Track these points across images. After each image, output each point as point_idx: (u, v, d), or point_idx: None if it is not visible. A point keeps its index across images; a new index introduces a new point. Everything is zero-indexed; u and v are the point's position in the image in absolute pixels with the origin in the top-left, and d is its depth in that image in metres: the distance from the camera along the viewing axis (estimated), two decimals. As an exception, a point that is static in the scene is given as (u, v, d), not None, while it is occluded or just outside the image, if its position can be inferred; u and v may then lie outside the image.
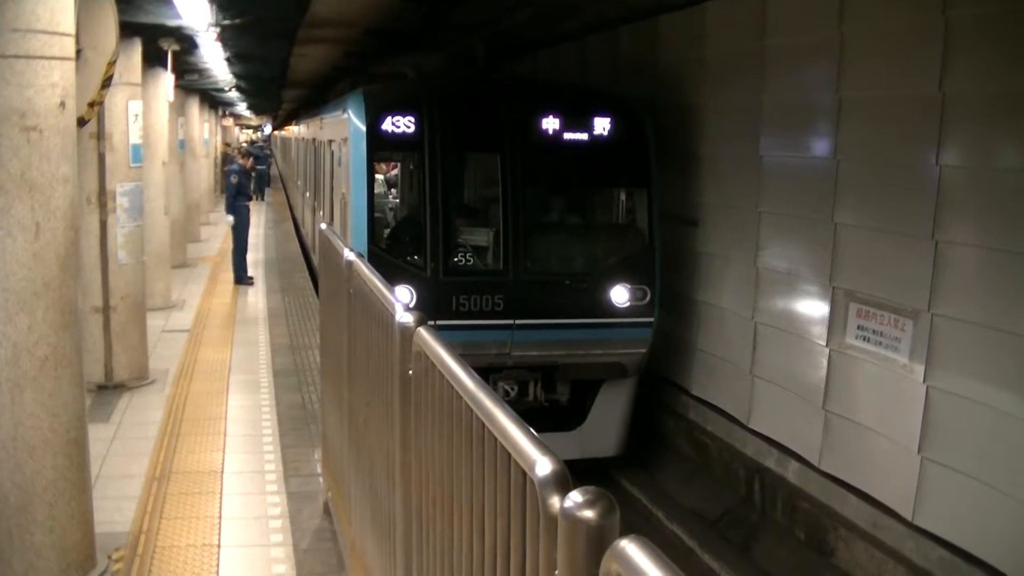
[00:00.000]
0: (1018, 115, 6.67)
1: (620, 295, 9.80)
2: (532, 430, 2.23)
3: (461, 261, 9.67)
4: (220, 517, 6.80)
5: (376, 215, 10.12)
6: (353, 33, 15.27)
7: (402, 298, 4.24)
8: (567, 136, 9.84)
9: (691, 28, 10.89)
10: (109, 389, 10.02)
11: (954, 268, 7.18)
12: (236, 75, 20.05)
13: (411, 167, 10.92)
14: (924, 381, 7.40)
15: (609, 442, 10.44)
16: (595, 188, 10.80)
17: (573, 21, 13.60)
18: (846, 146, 8.34)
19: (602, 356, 9.94)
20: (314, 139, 18.35)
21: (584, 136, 9.88)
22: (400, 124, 9.54)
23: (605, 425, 10.34)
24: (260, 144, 47.44)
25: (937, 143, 7.24)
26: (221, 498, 7.16)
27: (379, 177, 14.12)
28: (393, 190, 14.39)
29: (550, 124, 9.79)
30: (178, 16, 10.46)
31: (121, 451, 8.18)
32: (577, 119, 9.85)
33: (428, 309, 7.78)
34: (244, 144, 36.53)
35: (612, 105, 10.09)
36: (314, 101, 30.37)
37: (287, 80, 25.15)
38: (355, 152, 9.75)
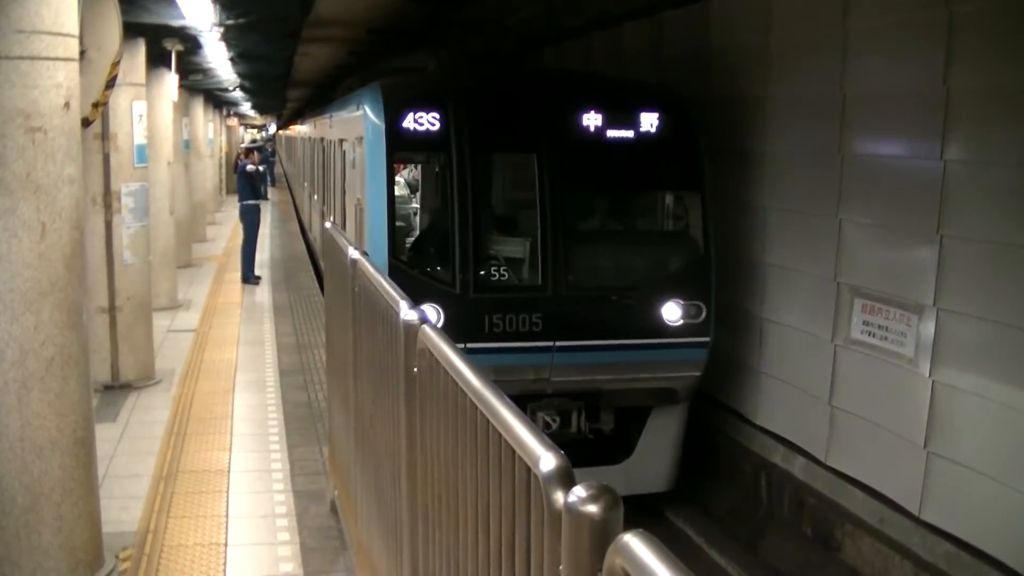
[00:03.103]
0: None
1: (672, 312, 8.79)
2: (552, 441, 2.21)
3: (494, 276, 8.70)
4: (227, 516, 6.82)
5: (397, 223, 9.18)
6: (357, 32, 15.29)
7: (430, 317, 3.86)
8: (610, 134, 8.86)
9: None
10: (116, 389, 10.04)
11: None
12: (240, 75, 20.07)
13: (436, 169, 9.82)
14: None
15: (659, 476, 9.41)
16: (642, 192, 9.80)
17: (577, 18, 13.60)
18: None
19: (652, 380, 8.96)
20: (322, 139, 17.29)
21: (629, 134, 8.88)
22: (423, 121, 8.57)
23: (654, 457, 9.33)
24: (261, 143, 47.46)
25: None
26: (228, 497, 7.17)
27: (398, 179, 12.95)
28: (414, 194, 13.26)
29: (591, 120, 8.81)
30: (182, 16, 10.47)
31: (128, 451, 8.20)
32: (621, 115, 8.87)
33: (457, 330, 7.51)
34: (243, 144, 36.56)
35: (659, 99, 9.15)
36: (321, 99, 29.38)
37: (291, 79, 25.19)
38: (372, 153, 8.81)
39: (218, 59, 15.80)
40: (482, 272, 8.63)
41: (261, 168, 19.23)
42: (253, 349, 12.09)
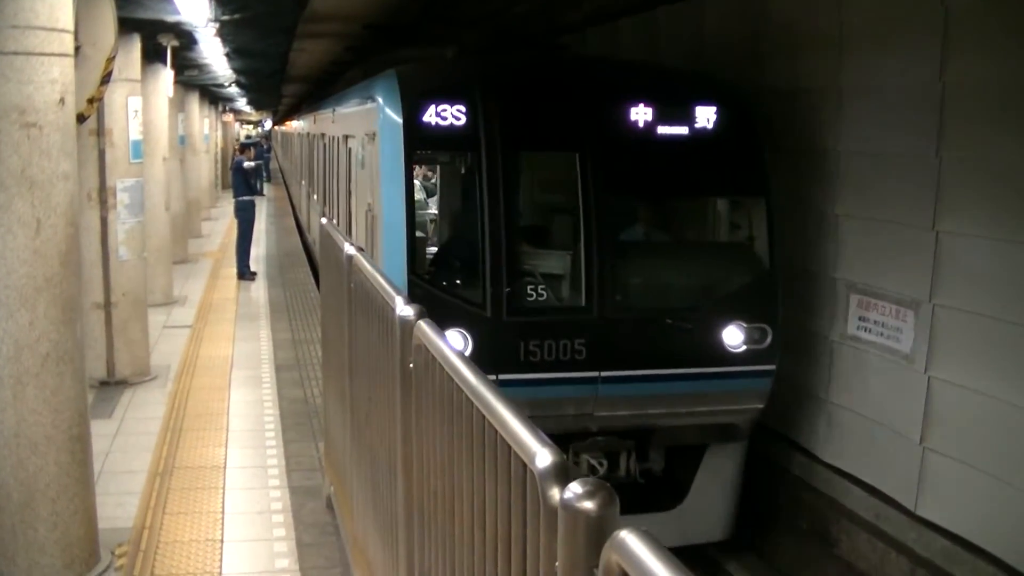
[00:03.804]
0: None
1: (733, 336, 7.70)
2: (540, 430, 2.21)
3: (530, 295, 7.60)
4: (223, 512, 6.82)
5: (417, 234, 8.09)
6: (352, 28, 15.26)
7: (456, 344, 3.59)
8: (661, 130, 7.79)
9: None
10: (111, 385, 10.03)
11: None
12: (236, 70, 20.03)
13: (462, 171, 8.61)
14: None
15: (716, 523, 8.24)
16: (698, 197, 8.60)
17: (574, 12, 13.59)
18: None
19: (710, 415, 7.87)
20: (323, 135, 16.08)
21: (683, 130, 7.82)
22: (447, 115, 7.46)
23: (710, 502, 8.15)
24: (257, 139, 47.44)
25: None
26: (224, 493, 7.17)
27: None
28: (430, 199, 11.80)
29: (640, 114, 7.71)
30: (177, 12, 10.44)
31: (123, 447, 8.19)
32: (674, 108, 7.82)
33: (488, 358, 6.81)
34: (239, 140, 36.56)
35: (715, 91, 8.08)
36: (319, 93, 28.09)
37: (287, 75, 25.14)
38: (387, 152, 7.71)
39: (213, 55, 15.76)
40: (517, 291, 7.52)
41: (257, 163, 19.22)
42: (249, 345, 12.08)
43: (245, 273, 17.21)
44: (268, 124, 68.87)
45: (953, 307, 7.23)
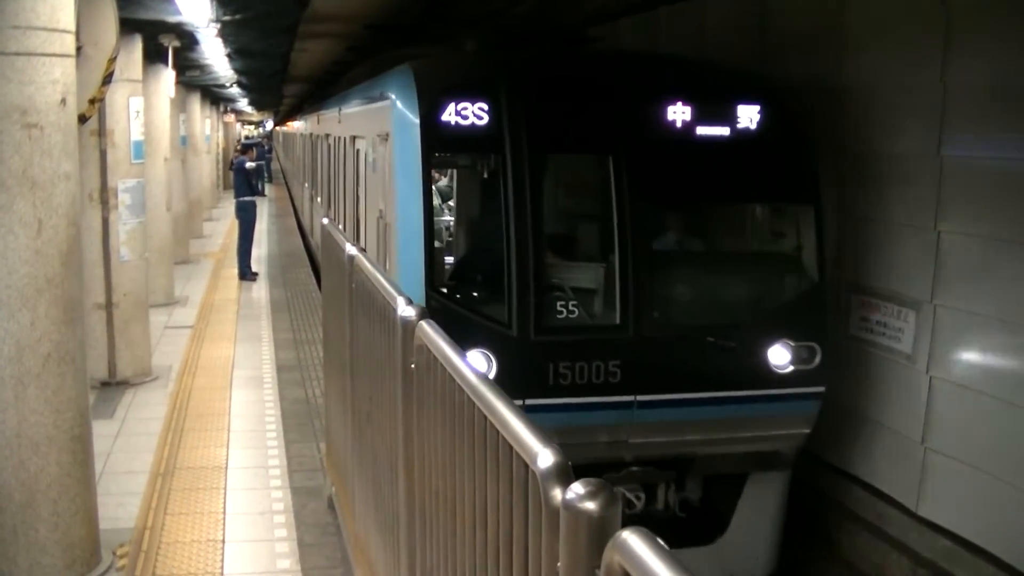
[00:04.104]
0: None
1: (780, 356, 7.12)
2: (534, 423, 2.21)
3: (560, 312, 6.97)
4: (224, 513, 6.82)
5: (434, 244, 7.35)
6: (354, 28, 15.26)
7: (478, 366, 3.45)
8: (701, 131, 7.21)
9: None
10: (112, 386, 10.03)
11: None
12: (237, 71, 20.04)
13: (484, 175, 7.74)
14: None
15: (759, 557, 7.60)
16: (742, 204, 7.96)
17: (575, 12, 13.59)
18: None
19: (754, 441, 7.27)
20: (327, 135, 15.36)
21: (725, 130, 7.24)
22: (468, 113, 6.88)
23: (752, 535, 7.54)
24: (258, 139, 47.51)
25: None
26: (225, 494, 7.17)
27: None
28: (445, 205, 11.00)
29: (679, 114, 7.13)
30: (178, 12, 10.45)
31: (125, 447, 8.19)
32: (714, 107, 7.25)
33: (514, 381, 6.26)
34: (240, 141, 36.62)
35: (759, 88, 7.48)
36: (322, 92, 27.35)
37: (288, 75, 25.15)
38: (402, 154, 7.15)
39: (215, 55, 15.77)
40: (545, 307, 6.92)
41: (258, 164, 19.23)
42: (250, 345, 12.08)
43: (246, 273, 17.22)
44: (269, 124, 68.92)
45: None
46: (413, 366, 3.41)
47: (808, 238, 7.45)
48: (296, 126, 33.60)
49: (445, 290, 7.03)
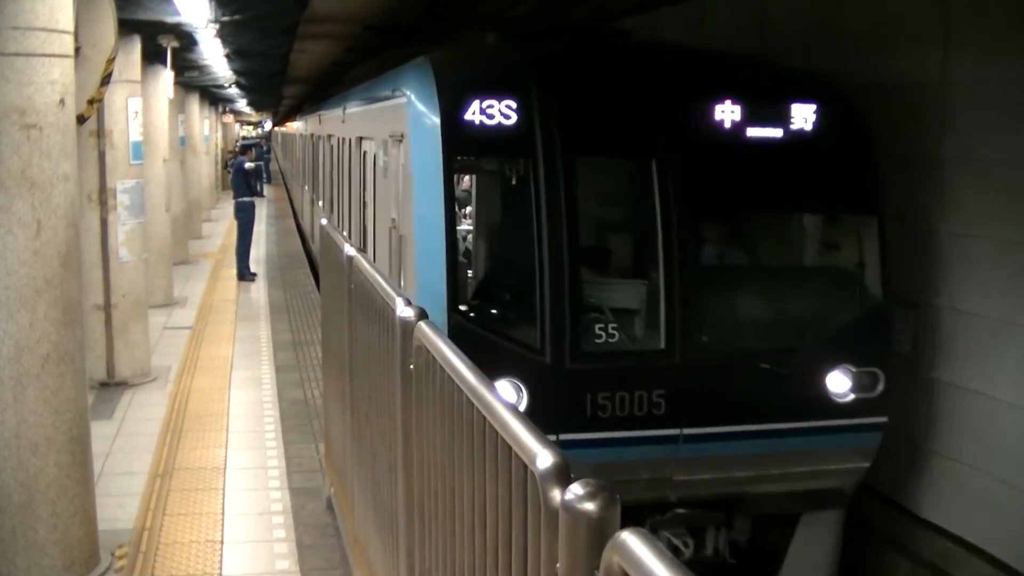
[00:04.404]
0: None
1: (839, 383, 6.50)
2: (540, 431, 2.20)
3: (599, 336, 6.30)
4: (223, 513, 6.81)
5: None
6: (353, 29, 15.27)
7: (507, 397, 3.23)
8: (751, 133, 6.56)
9: None
10: (111, 386, 10.02)
11: None
12: (236, 71, 20.04)
13: (512, 181, 6.75)
14: None
15: None
16: (797, 214, 7.25)
17: (575, 13, 13.58)
18: None
19: (809, 477, 6.61)
20: (330, 136, 14.63)
21: (777, 132, 6.59)
22: (494, 112, 6.21)
23: None
24: (257, 140, 47.52)
25: None
26: (224, 494, 7.16)
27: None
28: (462, 212, 9.78)
29: (727, 113, 6.50)
30: (177, 13, 10.44)
31: (124, 448, 8.19)
32: (766, 105, 6.61)
33: (547, 413, 5.68)
34: (238, 142, 36.67)
35: (814, 86, 6.84)
36: (325, 91, 26.54)
37: (288, 76, 25.15)
38: (420, 157, 6.49)
39: (214, 56, 15.76)
40: (582, 331, 6.26)
41: (257, 165, 19.24)
42: (249, 346, 12.08)
43: (245, 274, 17.22)
44: (268, 125, 68.92)
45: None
46: (412, 367, 3.41)
47: (870, 252, 6.79)
48: (296, 126, 33.24)
49: (469, 311, 6.35)
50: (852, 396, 6.52)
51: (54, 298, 5.35)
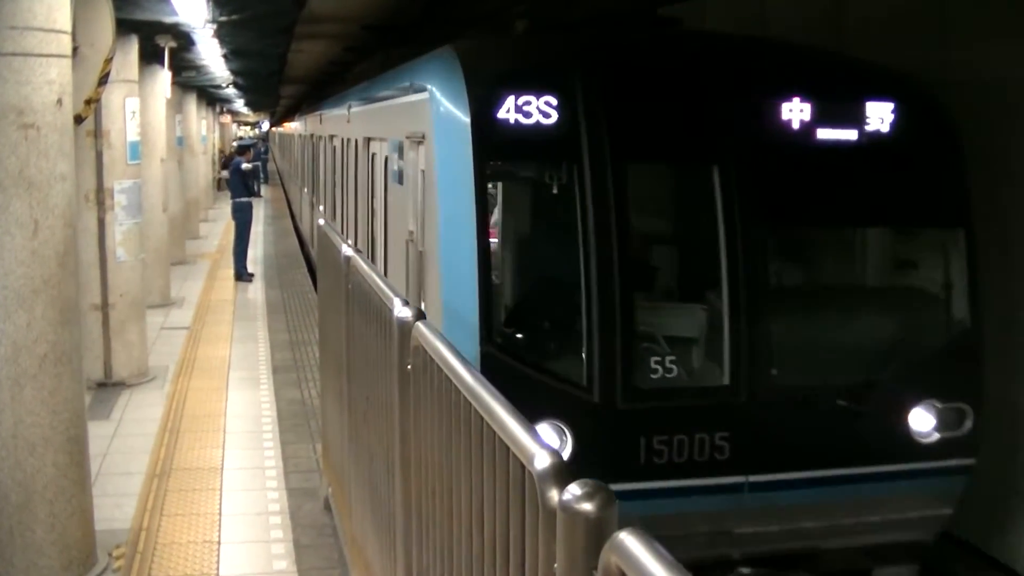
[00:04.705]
0: None
1: (923, 421, 5.75)
2: (537, 431, 2.20)
3: (655, 370, 5.51)
4: (220, 513, 6.81)
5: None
6: (351, 28, 15.26)
7: (550, 441, 2.95)
8: (822, 134, 5.79)
9: None
10: (109, 386, 10.01)
11: None
12: (233, 71, 20.04)
13: (553, 190, 5.80)
14: None
15: None
16: (875, 227, 6.37)
17: (575, 13, 13.56)
18: None
19: (885, 529, 5.82)
20: (332, 137, 13.84)
21: (851, 134, 5.82)
22: (533, 109, 5.43)
23: None
24: (254, 140, 47.58)
25: None
26: (221, 494, 7.16)
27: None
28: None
29: (795, 112, 5.73)
30: (175, 13, 10.44)
31: (121, 448, 8.18)
32: (838, 104, 5.84)
33: (597, 460, 5.09)
34: (235, 142, 36.66)
35: (892, 82, 6.06)
36: (326, 89, 25.50)
37: (285, 76, 25.15)
38: (447, 162, 5.72)
39: (211, 56, 15.76)
40: (636, 364, 5.47)
41: (254, 165, 19.22)
42: (246, 346, 12.07)
43: (243, 274, 17.21)
44: (266, 125, 68.92)
45: None
46: (410, 367, 3.41)
47: (957, 270, 6.03)
48: (294, 126, 32.67)
49: (506, 343, 5.55)
50: (938, 435, 5.75)
51: (51, 298, 5.35)
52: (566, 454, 5.15)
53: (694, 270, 6.14)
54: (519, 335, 5.82)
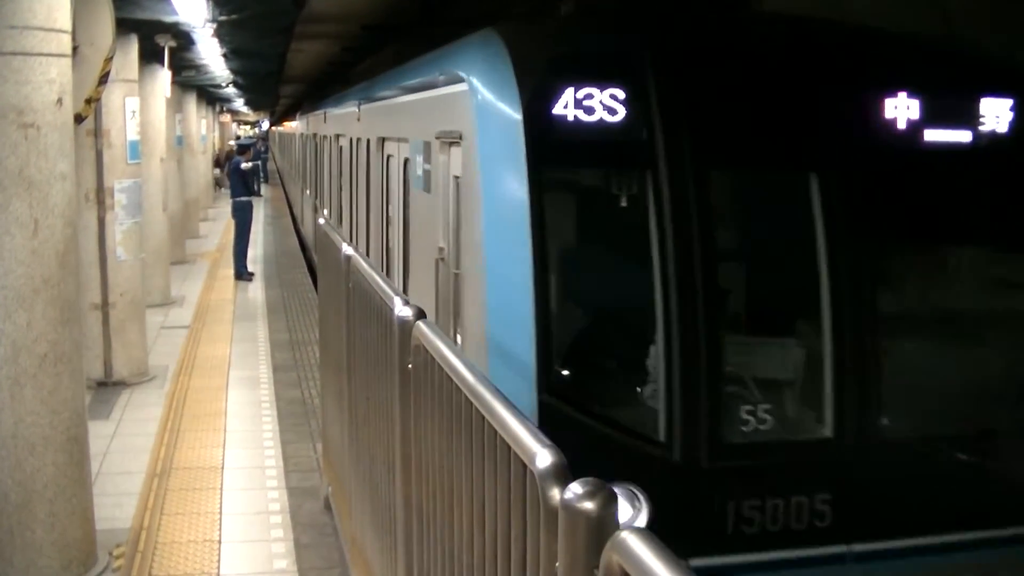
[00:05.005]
0: None
1: None
2: (531, 422, 2.21)
3: (746, 421, 4.61)
4: (220, 513, 6.81)
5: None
6: (350, 28, 15.26)
7: (622, 508, 2.69)
8: (930, 136, 4.88)
9: None
10: (109, 386, 10.02)
11: None
12: (233, 71, 20.04)
13: (622, 202, 4.86)
14: None
15: None
16: (996, 245, 5.33)
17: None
18: None
19: None
20: (338, 136, 12.93)
21: (964, 135, 4.94)
22: (595, 105, 4.55)
23: None
24: (253, 140, 47.61)
25: None
26: (221, 494, 7.16)
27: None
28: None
29: (901, 111, 4.83)
30: (174, 12, 10.44)
31: (121, 448, 8.18)
32: (949, 101, 4.94)
33: (677, 529, 3.76)
34: (234, 142, 36.70)
35: (1010, 75, 5.21)
36: (329, 87, 23.34)
37: (285, 75, 25.15)
38: (492, 166, 4.77)
39: (211, 55, 15.76)
40: (722, 415, 4.58)
41: (254, 164, 19.22)
42: (246, 346, 12.08)
43: (243, 274, 17.21)
44: (266, 124, 68.91)
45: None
46: (410, 366, 3.40)
47: None
48: (295, 126, 31.61)
49: (567, 392, 4.57)
50: None
51: (51, 297, 5.35)
52: (642, 522, 4.25)
53: (789, 299, 5.15)
54: (584, 381, 4.86)
